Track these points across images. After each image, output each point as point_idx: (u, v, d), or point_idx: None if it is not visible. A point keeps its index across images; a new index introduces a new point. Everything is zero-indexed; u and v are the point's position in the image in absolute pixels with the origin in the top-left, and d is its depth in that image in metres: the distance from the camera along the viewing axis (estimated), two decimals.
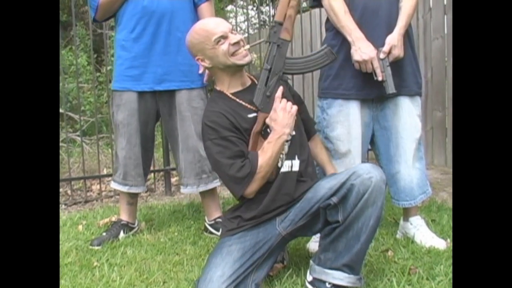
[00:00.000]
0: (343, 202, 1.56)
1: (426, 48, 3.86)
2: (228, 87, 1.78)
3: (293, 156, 1.74)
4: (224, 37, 1.72)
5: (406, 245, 2.13)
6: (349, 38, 2.01)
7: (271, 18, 5.95)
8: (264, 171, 1.64)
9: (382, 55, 1.97)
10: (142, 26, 2.25)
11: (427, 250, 2.06)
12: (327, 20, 2.15)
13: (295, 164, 1.73)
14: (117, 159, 2.40)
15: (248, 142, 1.70)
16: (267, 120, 1.70)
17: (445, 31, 3.70)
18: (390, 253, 2.03)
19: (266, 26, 5.69)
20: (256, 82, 1.78)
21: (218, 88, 1.81)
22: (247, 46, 1.75)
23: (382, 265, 1.91)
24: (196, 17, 2.33)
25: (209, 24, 1.76)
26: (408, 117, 2.12)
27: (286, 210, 1.70)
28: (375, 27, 2.02)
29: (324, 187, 1.63)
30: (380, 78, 1.97)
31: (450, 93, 3.80)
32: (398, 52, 1.99)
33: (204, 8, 2.38)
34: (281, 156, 1.71)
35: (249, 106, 1.75)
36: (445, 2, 3.67)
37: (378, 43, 1.99)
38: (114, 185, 2.46)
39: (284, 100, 1.72)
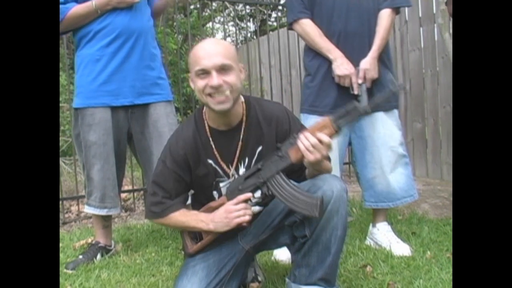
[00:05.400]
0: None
1: (403, 60, 3.89)
2: (212, 120, 1.65)
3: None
4: (206, 72, 1.52)
5: (385, 259, 2.10)
6: (330, 56, 2.18)
7: (251, 34, 5.96)
8: (168, 223, 1.70)
9: (359, 80, 2.15)
10: (121, 41, 2.22)
11: (407, 264, 2.04)
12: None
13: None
14: (91, 182, 2.29)
15: (191, 183, 1.68)
16: (212, 204, 1.65)
17: (422, 43, 3.74)
18: (369, 268, 2.00)
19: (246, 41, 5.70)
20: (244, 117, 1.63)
21: (204, 110, 1.66)
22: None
23: (361, 281, 1.87)
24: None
25: (201, 51, 1.54)
26: (382, 127, 2.24)
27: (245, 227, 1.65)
28: (354, 48, 2.18)
29: None
30: (356, 92, 2.14)
31: (429, 104, 3.83)
32: (372, 74, 2.17)
33: None
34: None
35: (217, 154, 1.64)
36: (420, 15, 3.71)
37: (358, 63, 2.16)
38: (89, 210, 2.33)
39: (240, 206, 1.58)
